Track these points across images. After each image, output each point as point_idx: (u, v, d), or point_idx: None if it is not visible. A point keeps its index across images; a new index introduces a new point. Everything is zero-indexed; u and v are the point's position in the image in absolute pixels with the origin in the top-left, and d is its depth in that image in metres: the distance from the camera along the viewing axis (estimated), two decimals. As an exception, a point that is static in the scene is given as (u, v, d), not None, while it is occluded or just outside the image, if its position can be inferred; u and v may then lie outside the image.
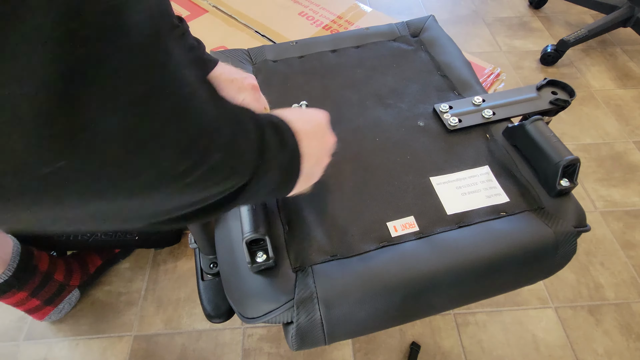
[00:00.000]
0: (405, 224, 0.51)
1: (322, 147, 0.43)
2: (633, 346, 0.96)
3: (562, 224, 0.50)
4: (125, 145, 0.19)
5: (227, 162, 0.27)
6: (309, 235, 0.50)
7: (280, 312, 0.45)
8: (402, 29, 0.80)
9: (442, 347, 0.95)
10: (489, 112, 0.62)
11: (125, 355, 0.94)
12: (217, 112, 0.26)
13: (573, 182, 0.52)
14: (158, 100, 0.20)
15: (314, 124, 0.43)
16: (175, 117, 0.21)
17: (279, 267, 0.48)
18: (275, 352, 0.94)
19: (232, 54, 0.74)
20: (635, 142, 1.38)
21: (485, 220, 0.52)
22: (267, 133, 0.33)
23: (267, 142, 0.32)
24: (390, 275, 0.46)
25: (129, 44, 0.18)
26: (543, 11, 1.91)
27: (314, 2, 1.15)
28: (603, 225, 1.17)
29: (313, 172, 0.43)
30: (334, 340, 0.47)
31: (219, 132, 0.26)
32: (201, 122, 0.24)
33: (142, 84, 0.19)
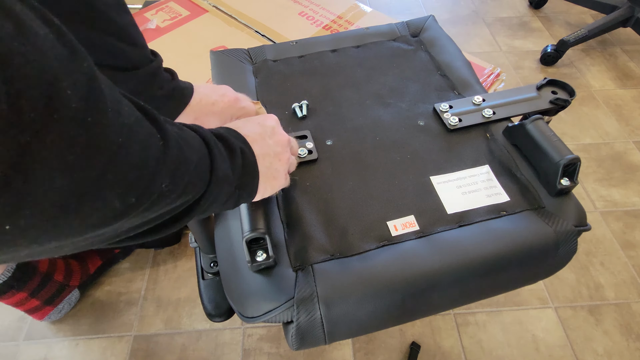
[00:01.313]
0: (405, 223, 0.51)
1: (275, 145, 0.44)
2: (633, 346, 0.96)
3: (563, 223, 0.50)
4: (67, 200, 0.20)
5: (174, 188, 0.28)
6: (309, 234, 0.50)
7: (280, 312, 0.45)
8: (402, 29, 0.80)
9: (442, 347, 0.95)
10: (489, 111, 0.62)
11: (125, 355, 0.94)
12: (160, 147, 0.27)
13: (573, 181, 0.52)
14: (93, 156, 0.21)
15: (262, 125, 0.44)
16: (111, 167, 0.22)
17: (279, 266, 0.48)
18: (275, 352, 0.94)
19: (232, 54, 0.74)
20: (635, 142, 1.38)
21: (485, 220, 0.52)
22: (214, 145, 0.34)
23: (215, 154, 0.33)
24: (391, 275, 0.46)
25: (66, 114, 0.19)
26: (543, 11, 1.91)
27: (314, 2, 1.15)
28: (603, 225, 1.17)
29: (274, 170, 0.44)
30: (334, 340, 0.47)
31: (163, 164, 0.27)
32: (140, 164, 0.24)
33: (80, 145, 0.20)
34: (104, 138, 0.21)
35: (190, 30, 1.05)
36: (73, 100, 0.19)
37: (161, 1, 1.15)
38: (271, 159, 0.43)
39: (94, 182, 0.21)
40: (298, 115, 0.64)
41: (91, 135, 0.20)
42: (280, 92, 0.68)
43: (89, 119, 0.20)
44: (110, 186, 0.22)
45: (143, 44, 0.49)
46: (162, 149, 0.27)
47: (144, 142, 0.25)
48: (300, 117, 0.64)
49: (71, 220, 0.21)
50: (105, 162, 0.22)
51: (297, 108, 0.64)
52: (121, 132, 0.23)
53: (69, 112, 0.19)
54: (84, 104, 0.20)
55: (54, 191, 0.19)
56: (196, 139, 0.33)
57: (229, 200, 0.38)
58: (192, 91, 0.53)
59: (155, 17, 1.09)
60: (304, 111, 0.64)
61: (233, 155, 0.37)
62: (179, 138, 0.29)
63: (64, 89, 0.19)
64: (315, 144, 0.60)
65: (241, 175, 0.38)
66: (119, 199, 0.23)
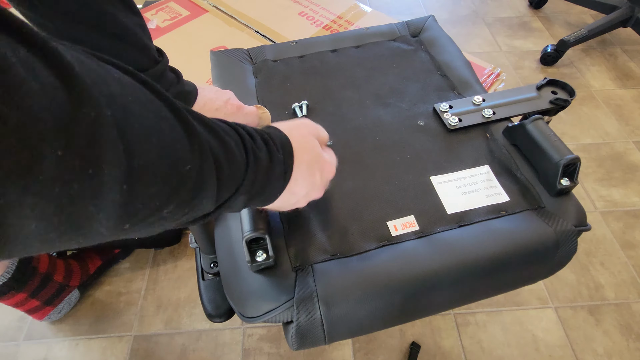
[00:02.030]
0: (405, 223, 0.51)
1: (312, 153, 0.42)
2: (633, 346, 0.96)
3: (563, 223, 0.50)
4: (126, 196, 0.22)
5: (211, 187, 0.28)
6: (309, 234, 0.50)
7: (280, 312, 0.45)
8: (402, 29, 0.80)
9: (442, 347, 0.95)
10: (489, 111, 0.62)
11: (125, 355, 0.94)
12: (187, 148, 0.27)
13: (573, 181, 0.52)
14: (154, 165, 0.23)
15: (318, 156, 0.42)
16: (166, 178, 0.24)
17: (279, 266, 0.48)
18: (275, 352, 0.94)
19: (232, 54, 0.74)
20: (635, 142, 1.38)
21: (485, 220, 0.52)
22: (249, 141, 0.33)
23: (249, 147, 0.32)
24: (391, 275, 0.46)
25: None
26: (543, 11, 1.91)
27: (314, 2, 1.15)
28: (603, 225, 1.17)
29: (311, 179, 0.41)
30: (334, 340, 0.47)
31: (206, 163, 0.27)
32: (184, 160, 0.25)
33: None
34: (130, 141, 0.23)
35: (190, 30, 1.05)
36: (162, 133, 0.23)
37: (161, 1, 1.15)
38: (306, 174, 0.41)
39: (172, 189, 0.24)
40: (298, 116, 0.64)
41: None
42: (280, 92, 0.68)
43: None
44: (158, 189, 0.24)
45: (149, 46, 0.48)
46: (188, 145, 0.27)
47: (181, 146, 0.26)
48: (300, 117, 0.64)
49: (153, 220, 0.25)
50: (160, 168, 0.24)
51: (297, 108, 0.65)
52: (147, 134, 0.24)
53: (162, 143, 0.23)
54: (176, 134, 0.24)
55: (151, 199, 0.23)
56: (233, 134, 0.32)
57: (259, 195, 0.36)
58: (196, 95, 0.53)
59: (155, 17, 1.09)
60: (304, 111, 0.64)
61: (271, 154, 0.35)
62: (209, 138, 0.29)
63: (158, 131, 0.23)
64: None
65: (274, 175, 0.36)
66: (166, 200, 0.25)
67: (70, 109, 0.18)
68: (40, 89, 0.16)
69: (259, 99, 0.67)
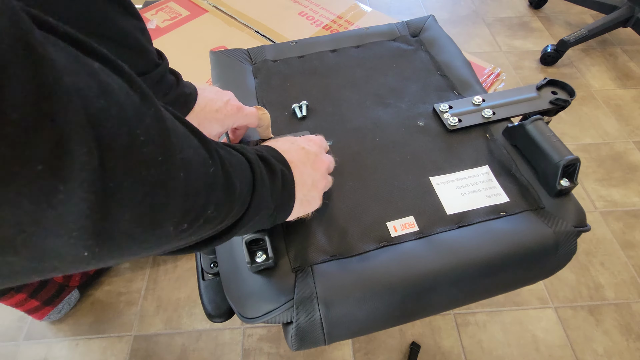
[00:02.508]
0: (405, 223, 0.51)
1: (315, 172, 0.45)
2: (633, 346, 0.96)
3: (562, 224, 0.50)
4: (133, 231, 0.22)
5: (218, 215, 0.29)
6: (308, 235, 0.50)
7: (279, 312, 0.45)
8: (402, 28, 0.80)
9: (442, 347, 0.95)
10: (488, 111, 0.62)
11: (125, 355, 0.94)
12: (211, 173, 0.28)
13: (573, 181, 0.52)
14: (160, 192, 0.23)
15: (306, 152, 0.45)
16: (173, 200, 0.24)
17: (278, 267, 0.48)
18: (275, 352, 0.94)
19: (231, 54, 0.74)
20: (635, 142, 1.38)
21: (485, 220, 0.51)
22: (258, 169, 0.35)
23: (257, 179, 0.34)
24: (390, 275, 0.46)
25: (139, 159, 0.21)
26: (543, 11, 1.91)
27: (313, 2, 1.14)
28: (603, 225, 1.17)
29: (310, 197, 0.45)
30: (334, 340, 0.47)
31: (213, 191, 0.28)
32: (195, 193, 0.26)
33: (149, 184, 0.22)
34: (170, 176, 0.23)
35: (190, 30, 1.05)
36: (145, 144, 0.21)
37: (161, 1, 1.15)
38: (309, 187, 0.44)
39: (156, 214, 0.23)
40: (298, 116, 0.64)
41: (159, 175, 0.22)
42: (280, 92, 0.68)
43: (159, 158, 0.22)
44: (170, 216, 0.24)
45: (149, 49, 0.49)
46: (212, 175, 0.28)
47: (199, 171, 0.27)
48: (300, 117, 0.64)
49: (132, 247, 0.23)
50: (169, 197, 0.24)
51: (297, 108, 0.64)
52: (183, 167, 0.24)
53: (142, 156, 0.21)
54: (154, 146, 0.22)
55: (125, 224, 0.21)
56: (243, 164, 0.33)
57: (265, 220, 0.39)
58: (196, 97, 0.53)
59: (155, 17, 1.09)
60: (304, 111, 0.64)
61: (274, 178, 0.37)
62: (226, 162, 0.30)
63: (138, 136, 0.21)
64: None
65: (279, 198, 0.39)
66: (174, 226, 0.25)
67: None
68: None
69: (259, 99, 0.67)
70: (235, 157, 0.33)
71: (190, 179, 0.25)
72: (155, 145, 0.22)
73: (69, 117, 0.17)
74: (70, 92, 0.17)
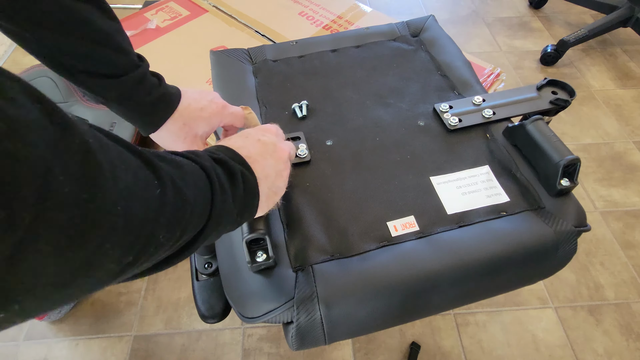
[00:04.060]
0: (405, 223, 0.51)
1: (277, 163, 0.43)
2: (633, 346, 0.96)
3: (563, 224, 0.50)
4: (61, 279, 0.20)
5: (171, 236, 0.27)
6: (309, 234, 0.50)
7: (280, 312, 0.45)
8: (402, 28, 0.80)
9: (442, 347, 0.95)
10: (489, 111, 0.62)
11: (125, 355, 0.94)
12: (158, 195, 0.26)
13: (573, 181, 0.52)
14: (90, 232, 0.20)
15: (262, 143, 0.43)
16: (110, 237, 0.21)
17: (279, 267, 0.48)
18: (275, 352, 0.94)
19: (232, 54, 0.74)
20: (635, 142, 1.38)
21: (485, 220, 0.51)
22: (214, 175, 0.33)
23: (215, 187, 0.32)
24: (391, 275, 0.46)
25: (59, 201, 0.19)
26: (543, 11, 1.91)
27: (314, 2, 1.14)
28: (603, 225, 1.17)
29: (275, 188, 0.43)
30: (334, 340, 0.47)
31: (162, 215, 0.26)
32: (139, 223, 0.24)
33: (75, 226, 0.19)
34: (102, 211, 0.21)
35: (190, 30, 1.05)
36: (66, 184, 0.18)
37: (161, 1, 1.15)
38: (273, 179, 0.42)
39: (90, 256, 0.20)
40: (298, 116, 0.64)
41: (87, 213, 0.20)
42: (280, 92, 0.68)
43: (84, 196, 0.19)
44: (108, 254, 0.22)
45: (129, 50, 0.49)
46: (159, 197, 0.26)
47: (142, 197, 0.24)
48: (300, 117, 0.64)
49: (65, 293, 0.21)
50: (104, 234, 0.21)
51: (297, 108, 0.65)
52: (120, 198, 0.22)
53: (62, 197, 0.18)
54: (78, 184, 0.19)
55: (47, 276, 0.19)
56: (197, 173, 0.31)
57: (230, 225, 0.37)
58: (179, 96, 0.53)
59: (155, 17, 1.09)
60: (304, 111, 0.64)
61: (234, 181, 0.35)
62: (176, 179, 0.28)
63: (57, 176, 0.18)
64: (315, 145, 0.60)
65: (243, 200, 0.37)
66: (116, 262, 0.23)
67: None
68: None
69: (259, 99, 0.67)
70: (188, 168, 0.31)
71: (132, 208, 0.23)
72: (79, 183, 0.19)
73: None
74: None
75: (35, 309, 0.20)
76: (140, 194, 0.24)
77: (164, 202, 0.26)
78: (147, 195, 0.25)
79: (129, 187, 0.23)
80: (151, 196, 0.25)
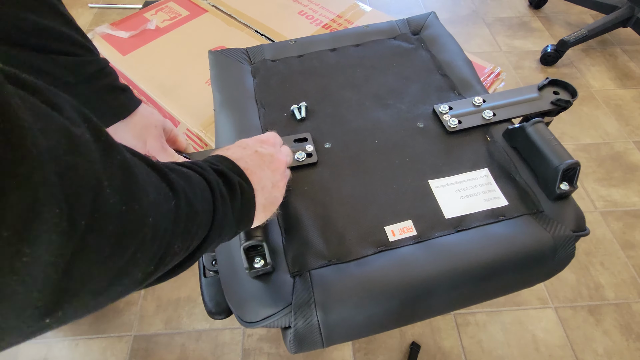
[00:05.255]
0: (403, 228, 0.51)
1: (273, 174, 0.43)
2: (633, 346, 0.96)
3: (561, 228, 0.50)
4: (101, 287, 0.21)
5: (183, 246, 0.29)
6: (306, 240, 0.50)
7: (278, 317, 0.44)
8: (402, 26, 0.79)
9: (442, 347, 0.96)
10: (489, 113, 0.62)
11: (125, 355, 0.94)
12: (173, 208, 0.27)
13: (573, 185, 0.51)
14: (127, 242, 0.22)
15: (260, 155, 0.43)
16: (141, 247, 0.23)
17: (277, 272, 0.47)
18: (275, 352, 0.94)
19: (230, 54, 0.74)
20: (635, 142, 1.38)
21: (483, 225, 0.51)
22: (217, 187, 0.34)
23: (217, 198, 0.33)
24: (388, 280, 0.46)
25: (105, 211, 0.20)
26: (543, 11, 1.91)
27: (313, 1, 1.14)
28: (603, 225, 1.17)
29: (272, 199, 0.43)
30: (332, 344, 0.47)
31: (177, 226, 0.27)
32: (161, 234, 0.25)
33: (115, 235, 0.21)
34: (137, 223, 0.22)
35: (189, 30, 1.05)
36: (111, 196, 0.20)
37: (161, 1, 1.14)
38: (269, 190, 0.42)
39: (125, 265, 0.22)
40: (297, 117, 0.64)
41: (127, 224, 0.21)
42: (279, 93, 0.68)
43: (124, 208, 0.21)
44: (138, 263, 0.23)
45: (89, 46, 0.53)
46: (174, 209, 0.27)
47: (164, 209, 0.26)
48: (299, 119, 0.63)
49: (98, 300, 0.22)
50: (137, 244, 0.22)
51: (296, 110, 0.64)
52: (150, 210, 0.23)
53: (108, 208, 0.20)
54: (120, 196, 0.21)
55: (90, 282, 0.20)
56: (201, 184, 0.32)
57: (229, 235, 0.38)
58: (140, 101, 0.57)
59: (155, 17, 1.08)
60: (303, 113, 0.64)
61: (233, 193, 0.36)
62: (187, 191, 0.29)
63: (105, 188, 0.20)
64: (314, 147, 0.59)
65: (240, 210, 0.37)
66: (142, 271, 0.24)
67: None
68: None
69: (257, 100, 0.67)
70: (194, 180, 0.32)
71: (157, 219, 0.24)
72: (121, 195, 0.21)
73: (40, 179, 0.16)
74: (42, 152, 0.16)
75: (71, 317, 0.21)
76: (162, 206, 0.25)
77: (179, 214, 0.27)
78: (167, 207, 0.26)
79: (155, 200, 0.24)
80: (169, 208, 0.26)
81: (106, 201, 0.20)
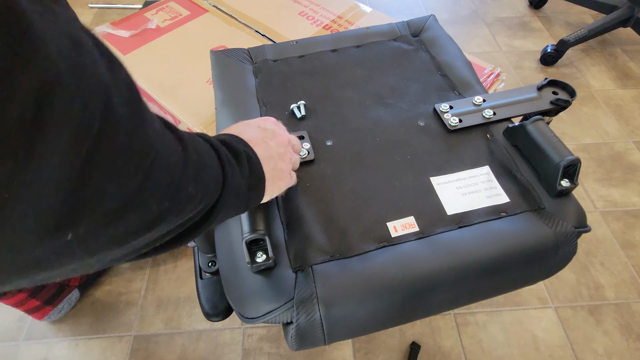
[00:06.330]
0: (405, 224, 0.51)
1: (277, 146, 0.45)
2: (633, 346, 0.96)
3: (563, 225, 0.50)
4: (117, 207, 0.21)
5: (197, 192, 0.29)
6: (308, 235, 0.50)
7: (280, 312, 0.44)
8: (402, 28, 0.80)
9: (442, 347, 0.95)
10: (489, 112, 0.62)
11: (125, 355, 0.94)
12: (181, 152, 0.27)
13: (573, 182, 0.52)
14: (137, 162, 0.22)
15: (262, 129, 0.45)
16: (151, 172, 0.23)
17: (278, 267, 0.48)
18: (275, 352, 0.94)
19: (232, 54, 0.74)
20: (635, 142, 1.38)
21: (485, 221, 0.51)
22: (222, 151, 0.34)
23: (224, 160, 0.34)
24: (390, 276, 0.46)
25: (115, 121, 0.20)
26: (543, 11, 1.91)
27: (314, 2, 1.14)
28: (603, 225, 1.17)
29: (278, 170, 0.44)
30: (334, 340, 0.47)
31: (187, 168, 0.28)
32: (171, 168, 0.26)
33: (126, 151, 0.21)
34: (145, 143, 0.22)
35: (190, 30, 1.05)
36: (119, 107, 0.20)
37: (161, 1, 1.15)
38: (275, 161, 0.43)
39: (137, 188, 0.22)
40: (297, 116, 0.64)
41: (134, 141, 0.21)
42: (280, 92, 0.68)
43: (130, 125, 0.21)
44: (150, 191, 0.23)
45: None
46: (182, 154, 0.27)
47: (170, 147, 0.26)
48: (299, 117, 0.64)
49: (119, 228, 0.22)
50: (147, 168, 0.23)
51: (295, 109, 0.64)
52: (156, 138, 0.24)
53: (117, 118, 0.20)
54: (127, 110, 0.21)
55: (108, 198, 0.20)
56: (205, 145, 0.33)
57: (240, 204, 0.38)
58: None
59: (155, 17, 1.09)
60: (302, 111, 0.64)
61: (239, 159, 0.37)
62: (194, 143, 0.30)
63: (112, 96, 0.19)
64: (315, 145, 0.60)
65: (249, 178, 0.38)
66: (156, 203, 0.24)
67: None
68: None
69: (259, 99, 0.67)
70: (197, 139, 0.32)
71: (165, 153, 0.25)
72: (127, 108, 0.21)
73: (50, 64, 0.16)
74: (45, 38, 0.16)
75: (93, 241, 0.21)
76: (167, 143, 0.26)
77: (187, 158, 0.28)
78: (173, 148, 0.26)
79: (158, 134, 0.25)
80: (176, 150, 0.27)
81: (116, 108, 0.19)
